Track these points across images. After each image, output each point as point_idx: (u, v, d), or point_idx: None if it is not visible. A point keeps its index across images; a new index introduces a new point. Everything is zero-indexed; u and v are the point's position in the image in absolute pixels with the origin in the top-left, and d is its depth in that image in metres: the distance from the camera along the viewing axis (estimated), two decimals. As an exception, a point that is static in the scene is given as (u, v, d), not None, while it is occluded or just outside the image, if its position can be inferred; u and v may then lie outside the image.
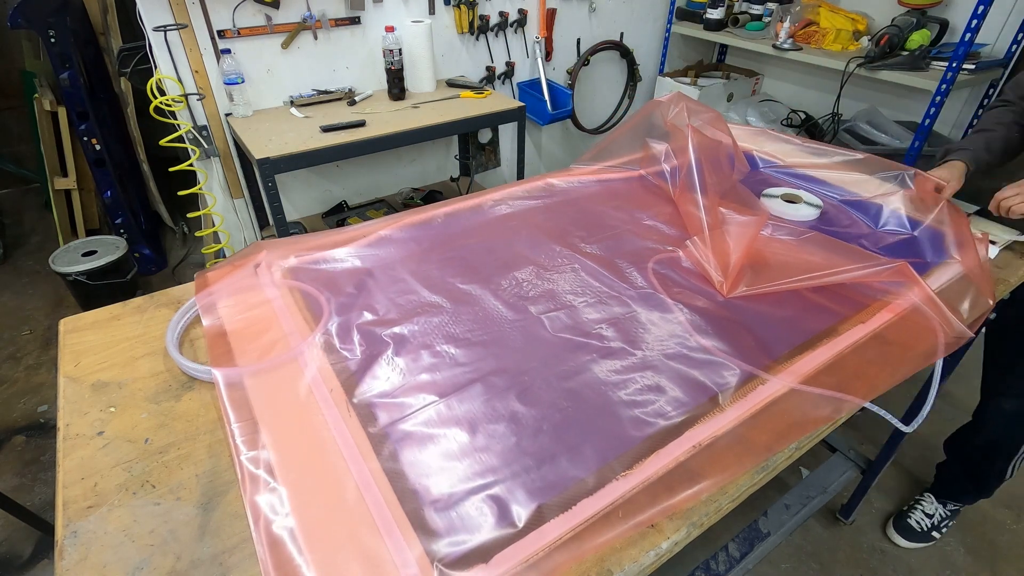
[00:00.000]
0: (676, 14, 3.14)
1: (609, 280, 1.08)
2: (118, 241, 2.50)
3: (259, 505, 0.67)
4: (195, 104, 2.10)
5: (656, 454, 0.74)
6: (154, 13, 1.90)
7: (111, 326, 0.98)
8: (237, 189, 2.35)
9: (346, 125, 2.01)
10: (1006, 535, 1.77)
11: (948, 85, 2.12)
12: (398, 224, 1.25)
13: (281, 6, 2.08)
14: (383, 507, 0.67)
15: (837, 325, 0.98)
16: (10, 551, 1.70)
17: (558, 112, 2.82)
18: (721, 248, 1.11)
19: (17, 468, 1.95)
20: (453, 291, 1.05)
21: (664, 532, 0.67)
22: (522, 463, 0.73)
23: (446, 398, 0.82)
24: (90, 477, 0.72)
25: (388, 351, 0.90)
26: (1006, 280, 1.14)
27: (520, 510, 0.67)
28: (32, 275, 2.93)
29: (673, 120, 1.39)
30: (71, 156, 2.80)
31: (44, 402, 2.20)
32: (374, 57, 2.36)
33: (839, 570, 1.68)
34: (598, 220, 1.30)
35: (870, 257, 1.04)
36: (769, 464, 0.75)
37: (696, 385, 0.85)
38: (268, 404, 0.80)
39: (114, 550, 0.64)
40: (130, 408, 0.82)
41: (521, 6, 2.66)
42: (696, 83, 3.10)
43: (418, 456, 0.73)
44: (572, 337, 0.94)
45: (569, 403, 0.82)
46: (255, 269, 1.08)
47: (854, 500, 1.78)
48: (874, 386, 0.86)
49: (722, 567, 1.43)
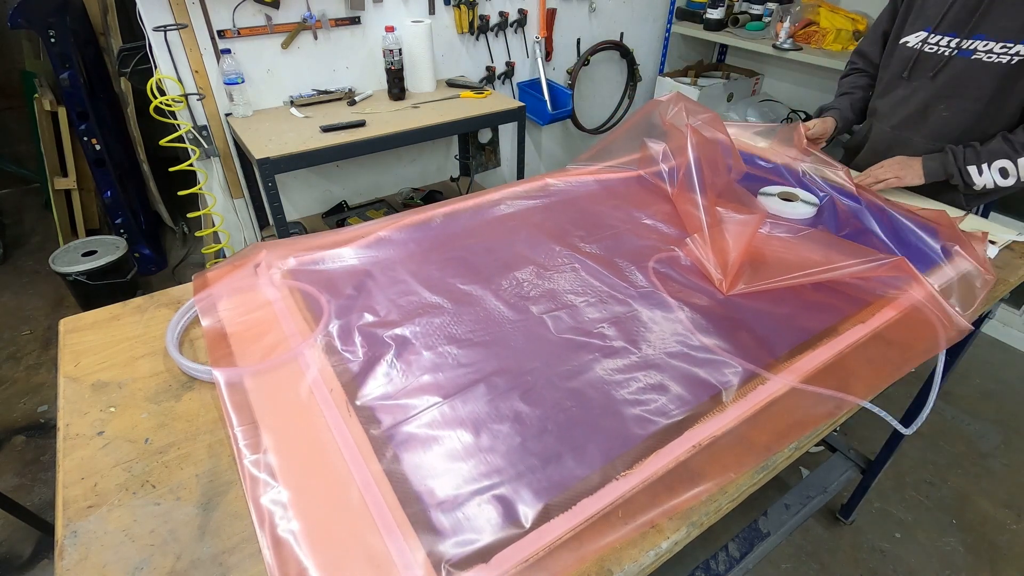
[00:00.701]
0: (676, 14, 3.14)
1: (609, 279, 1.08)
2: (118, 241, 2.50)
3: (264, 508, 0.67)
4: (195, 104, 2.10)
5: (656, 454, 0.74)
6: (154, 13, 1.90)
7: (111, 326, 0.98)
8: (237, 189, 2.35)
9: (346, 125, 2.01)
10: (1006, 535, 1.77)
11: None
12: (398, 224, 1.25)
13: (281, 6, 2.08)
14: (384, 509, 0.67)
15: (836, 321, 0.98)
16: (10, 551, 1.70)
17: (558, 112, 2.82)
18: (720, 246, 1.11)
19: (17, 468, 1.95)
20: (454, 291, 1.05)
21: (664, 532, 0.67)
22: (527, 463, 0.73)
23: (449, 399, 0.82)
24: (90, 477, 0.72)
25: (390, 353, 0.90)
26: (1006, 280, 1.14)
27: (527, 510, 0.67)
28: (32, 275, 2.93)
29: (672, 120, 1.39)
30: (71, 156, 2.80)
31: (44, 402, 2.20)
32: (374, 57, 2.36)
33: (839, 570, 1.68)
34: (597, 220, 1.30)
35: (868, 252, 1.04)
36: (769, 464, 0.75)
37: (699, 383, 0.85)
38: (269, 405, 0.80)
39: (114, 550, 0.64)
40: (130, 408, 0.82)
41: (521, 6, 2.66)
42: (696, 83, 3.10)
43: (423, 457, 0.73)
44: (574, 337, 0.94)
45: (573, 403, 0.82)
46: (255, 270, 1.08)
47: (854, 500, 1.78)
48: (875, 383, 0.86)
49: (722, 567, 1.43)
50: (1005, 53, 1.23)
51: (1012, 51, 1.22)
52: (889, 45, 1.48)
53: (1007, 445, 2.08)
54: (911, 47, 1.39)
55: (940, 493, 1.90)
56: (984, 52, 1.26)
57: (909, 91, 1.42)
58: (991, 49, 1.25)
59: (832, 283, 1.05)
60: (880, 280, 1.04)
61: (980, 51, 1.27)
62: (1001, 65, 1.24)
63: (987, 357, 2.48)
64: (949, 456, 2.04)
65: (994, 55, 1.25)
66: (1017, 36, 1.22)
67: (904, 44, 1.41)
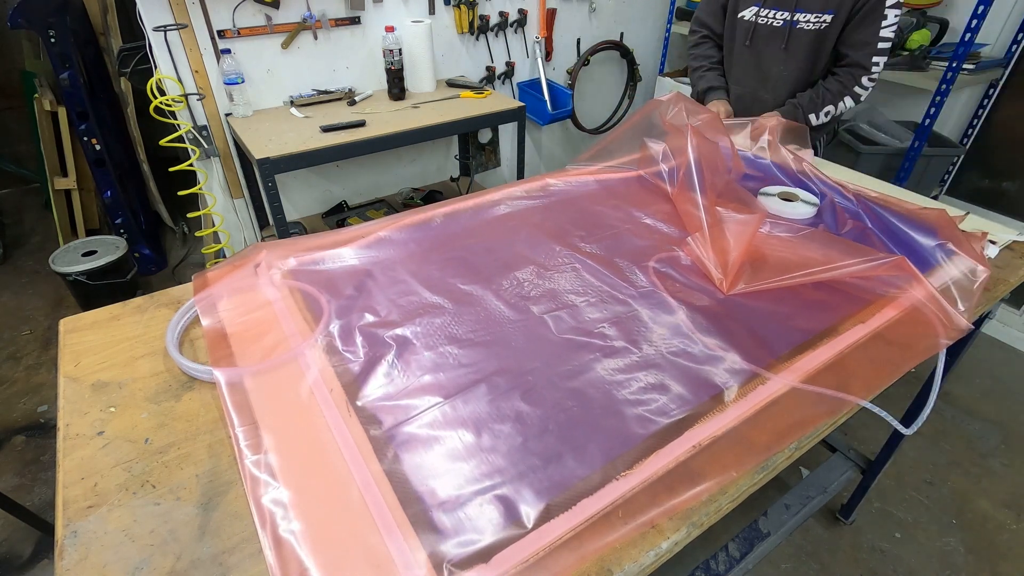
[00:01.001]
0: (676, 14, 3.13)
1: (610, 279, 1.08)
2: (118, 241, 2.50)
3: (265, 508, 0.67)
4: (195, 104, 2.10)
5: (656, 454, 0.74)
6: (154, 13, 1.90)
7: (111, 326, 0.98)
8: (237, 189, 2.35)
9: (346, 125, 2.01)
10: (1006, 535, 1.77)
11: (948, 85, 2.12)
12: (398, 224, 1.25)
13: (281, 6, 2.08)
14: (384, 509, 0.67)
15: (836, 321, 0.98)
16: (10, 551, 1.70)
17: (558, 112, 2.82)
18: (721, 246, 1.11)
19: (17, 468, 1.95)
20: (454, 292, 1.05)
21: (664, 532, 0.67)
22: (529, 463, 0.73)
23: (450, 399, 0.82)
24: (90, 477, 0.72)
25: (390, 353, 0.90)
26: (1006, 280, 1.14)
27: (528, 510, 0.67)
28: (32, 275, 2.93)
29: (672, 120, 1.39)
30: (71, 156, 2.80)
31: (44, 402, 2.20)
32: (374, 57, 2.36)
33: (839, 570, 1.68)
34: (597, 220, 1.30)
35: (868, 252, 1.04)
36: (769, 464, 0.75)
37: (699, 383, 0.85)
38: (270, 406, 0.80)
39: (114, 550, 0.64)
40: (130, 408, 0.82)
41: (521, 6, 2.66)
42: (696, 83, 3.09)
43: (424, 457, 0.73)
44: (574, 337, 0.94)
45: (574, 402, 0.82)
46: (255, 270, 1.08)
47: (854, 500, 1.78)
48: (875, 383, 0.86)
49: (722, 567, 1.42)
50: (818, 21, 1.62)
51: (822, 19, 1.62)
52: (728, 19, 1.80)
53: (1007, 445, 2.08)
54: (748, 20, 1.73)
55: (940, 493, 1.90)
56: (804, 21, 1.64)
57: (754, 56, 1.77)
58: (808, 19, 1.63)
59: (832, 283, 1.05)
60: (880, 280, 1.04)
61: (802, 21, 1.65)
62: (816, 31, 1.64)
63: (987, 357, 2.48)
64: (949, 456, 2.04)
65: (811, 23, 1.63)
66: (824, 8, 1.60)
67: (741, 18, 1.75)
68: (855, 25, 1.59)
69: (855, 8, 1.57)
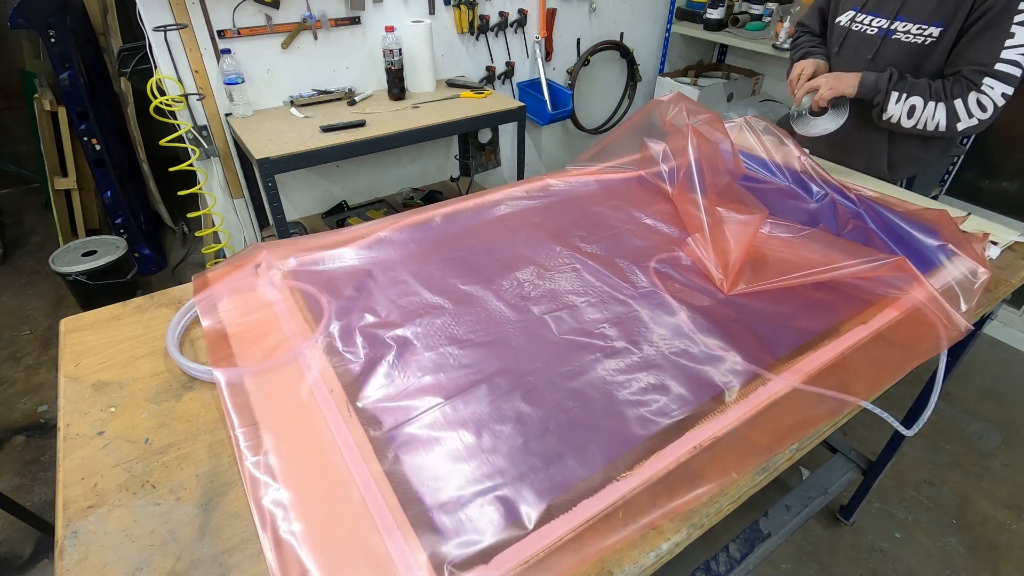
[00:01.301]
0: (676, 14, 3.14)
1: (610, 279, 1.08)
2: (118, 241, 2.50)
3: (265, 509, 0.67)
4: (195, 104, 2.10)
5: (657, 455, 0.74)
6: (154, 13, 1.90)
7: (111, 326, 0.98)
8: (237, 189, 2.35)
9: (346, 125, 2.01)
10: (1006, 535, 1.77)
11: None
12: (398, 225, 1.25)
13: (281, 6, 2.08)
14: (385, 510, 0.67)
15: (837, 321, 0.98)
16: (10, 551, 1.70)
17: (558, 112, 2.82)
18: (721, 246, 1.11)
19: (17, 468, 1.95)
20: (455, 292, 1.05)
21: (664, 533, 0.66)
22: (529, 463, 0.73)
23: (451, 400, 0.82)
24: (90, 477, 0.72)
25: (391, 354, 0.90)
26: (1007, 281, 1.14)
27: (529, 511, 0.67)
28: (32, 275, 2.93)
29: (672, 120, 1.39)
30: (71, 156, 2.80)
31: (44, 402, 2.20)
32: (374, 57, 2.36)
33: (839, 570, 1.68)
34: (598, 220, 1.30)
35: (868, 252, 1.04)
36: (770, 465, 0.75)
37: (700, 383, 0.85)
38: (270, 406, 0.80)
39: (114, 550, 0.64)
40: (130, 408, 0.82)
41: (521, 6, 2.65)
42: (696, 83, 3.10)
43: (424, 458, 0.73)
44: (575, 337, 0.94)
45: (574, 403, 0.82)
46: (255, 270, 1.08)
47: (855, 501, 1.78)
48: (876, 384, 0.86)
49: (723, 568, 1.42)
50: (920, 34, 1.38)
51: (926, 32, 1.37)
52: (829, 26, 1.62)
53: (1007, 445, 2.08)
54: (843, 26, 1.54)
55: (940, 493, 1.90)
56: (903, 32, 1.41)
57: (840, 67, 1.55)
58: (908, 30, 1.40)
59: (833, 283, 1.05)
60: (881, 280, 1.04)
61: (900, 31, 1.41)
62: (916, 44, 1.39)
63: (987, 357, 2.48)
64: (949, 456, 2.04)
65: (911, 35, 1.39)
66: (929, 19, 1.36)
67: (837, 23, 1.56)
68: (970, 39, 1.30)
69: (970, 18, 1.29)
